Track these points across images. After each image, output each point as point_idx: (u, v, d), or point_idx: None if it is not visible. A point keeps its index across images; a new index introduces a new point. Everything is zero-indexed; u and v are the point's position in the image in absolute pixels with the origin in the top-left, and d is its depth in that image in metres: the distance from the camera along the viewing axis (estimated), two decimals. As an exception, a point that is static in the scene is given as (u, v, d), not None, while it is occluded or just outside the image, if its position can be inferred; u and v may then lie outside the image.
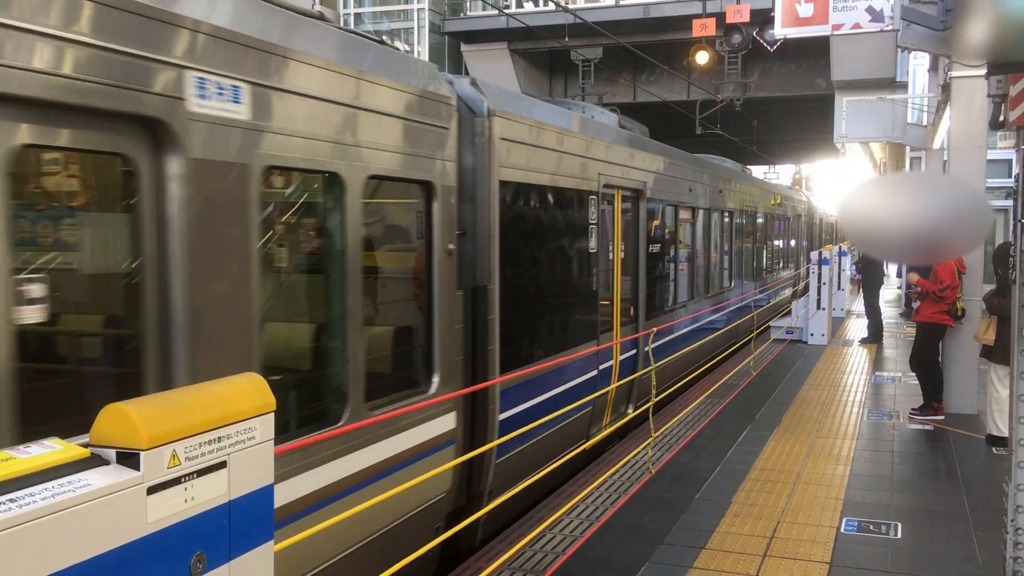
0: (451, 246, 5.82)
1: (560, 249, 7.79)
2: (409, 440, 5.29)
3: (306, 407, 4.74)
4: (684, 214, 12.51)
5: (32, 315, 3.13)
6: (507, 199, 6.67)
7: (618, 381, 8.78)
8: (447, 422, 5.75)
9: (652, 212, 10.51)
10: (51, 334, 3.54)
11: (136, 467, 2.09)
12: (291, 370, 4.79)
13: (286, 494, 4.08)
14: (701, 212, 13.40)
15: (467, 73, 24.15)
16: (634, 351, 9.56)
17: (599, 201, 8.63)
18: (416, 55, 20.36)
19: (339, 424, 4.62)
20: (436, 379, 5.62)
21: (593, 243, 8.51)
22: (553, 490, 7.40)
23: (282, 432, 3.98)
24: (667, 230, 11.39)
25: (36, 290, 3.16)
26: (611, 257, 9.17)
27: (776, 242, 21.87)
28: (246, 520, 2.40)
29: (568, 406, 7.35)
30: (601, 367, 8.54)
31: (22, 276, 3.13)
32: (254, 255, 4.06)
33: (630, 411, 9.37)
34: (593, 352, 8.29)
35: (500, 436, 6.25)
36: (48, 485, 1.92)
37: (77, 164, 3.50)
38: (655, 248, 10.69)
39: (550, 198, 7.53)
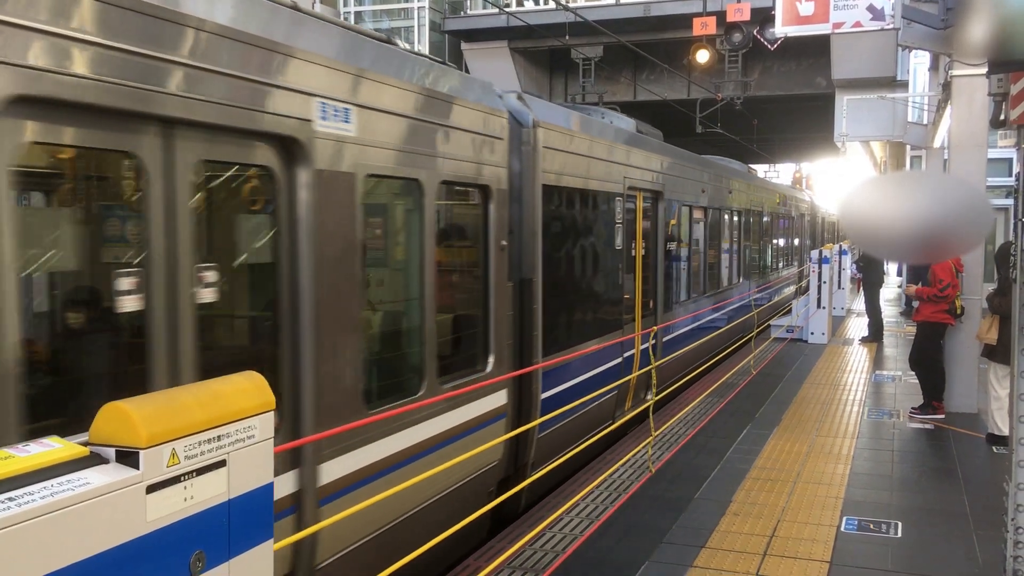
0: (504, 242, 6.64)
1: (591, 246, 8.58)
2: (469, 413, 6.05)
3: (395, 380, 5.54)
4: (697, 214, 13.21)
5: (208, 296, 3.91)
6: (548, 201, 7.47)
7: (638, 369, 9.58)
8: (500, 399, 6.53)
9: (669, 212, 11.24)
10: (223, 314, 4.35)
11: (135, 466, 2.09)
12: (385, 348, 5.59)
13: (379, 452, 4.97)
14: (712, 212, 14.09)
15: (467, 71, 24.13)
16: (653, 341, 10.28)
17: (624, 202, 9.44)
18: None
19: (419, 395, 5.39)
20: (492, 360, 6.41)
21: (619, 241, 9.32)
22: (583, 466, 7.98)
23: (380, 399, 5.09)
24: (682, 229, 12.14)
25: (210, 276, 3.94)
26: (632, 254, 9.91)
27: (781, 240, 22.63)
28: (246, 519, 2.40)
29: (597, 390, 8.09)
30: (625, 355, 9.33)
31: (203, 265, 3.89)
32: (359, 250, 4.85)
33: (649, 397, 9.92)
34: (619, 341, 9.07)
35: (542, 414, 7.03)
36: (47, 484, 1.91)
37: (236, 175, 4.37)
38: (671, 246, 11.45)
39: (583, 200, 8.35)
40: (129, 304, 3.55)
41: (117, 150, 3.55)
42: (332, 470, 4.56)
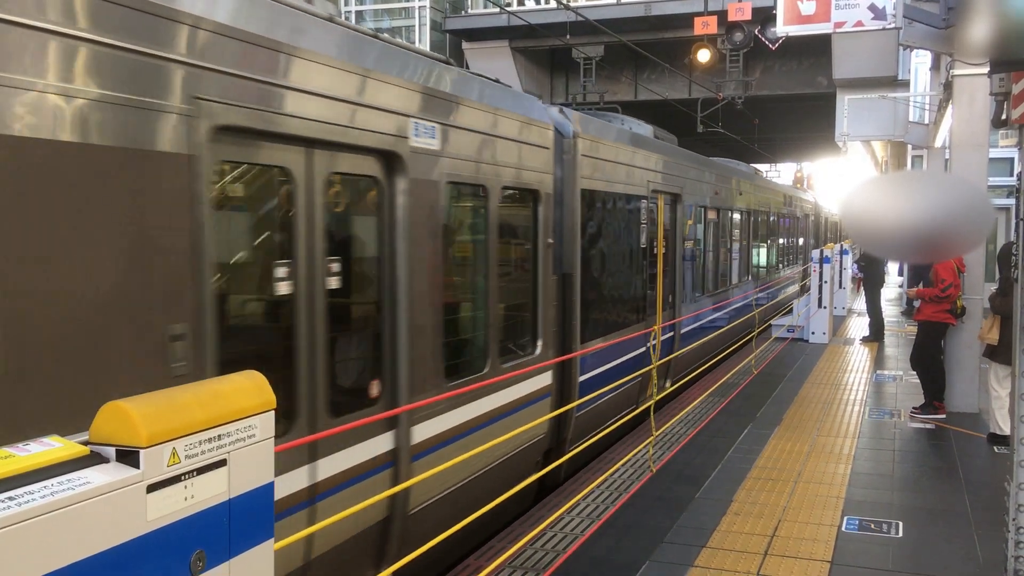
0: (550, 240, 7.53)
1: (621, 244, 9.51)
2: (522, 390, 6.92)
3: (467, 360, 6.33)
4: (711, 214, 14.02)
5: (333, 284, 4.73)
6: (585, 204, 8.34)
7: (659, 359, 10.08)
8: (546, 379, 7.41)
9: (686, 213, 12.10)
10: (343, 300, 5.02)
11: (136, 465, 2.08)
12: (460, 331, 6.38)
13: (454, 420, 5.82)
14: (724, 212, 14.95)
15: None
16: (671, 333, 11.25)
17: (647, 204, 10.34)
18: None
19: (482, 371, 6.29)
20: (540, 345, 7.31)
21: (643, 240, 10.23)
22: (610, 446, 8.74)
23: (456, 375, 5.91)
24: (698, 229, 13.02)
25: (335, 267, 4.75)
26: (654, 252, 10.81)
27: (787, 239, 23.56)
28: (246, 518, 2.40)
29: (623, 376, 8.90)
30: (651, 343, 10.03)
31: (330, 258, 4.69)
32: (442, 246, 5.70)
33: (668, 385, 10.99)
34: (644, 332, 9.91)
35: (579, 396, 7.88)
36: (47, 483, 1.91)
37: (352, 184, 5.16)
38: (688, 244, 12.32)
39: (614, 202, 9.27)
40: (284, 290, 4.44)
41: (277, 165, 4.41)
42: (421, 432, 5.42)
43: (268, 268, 4.46)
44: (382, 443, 5.11)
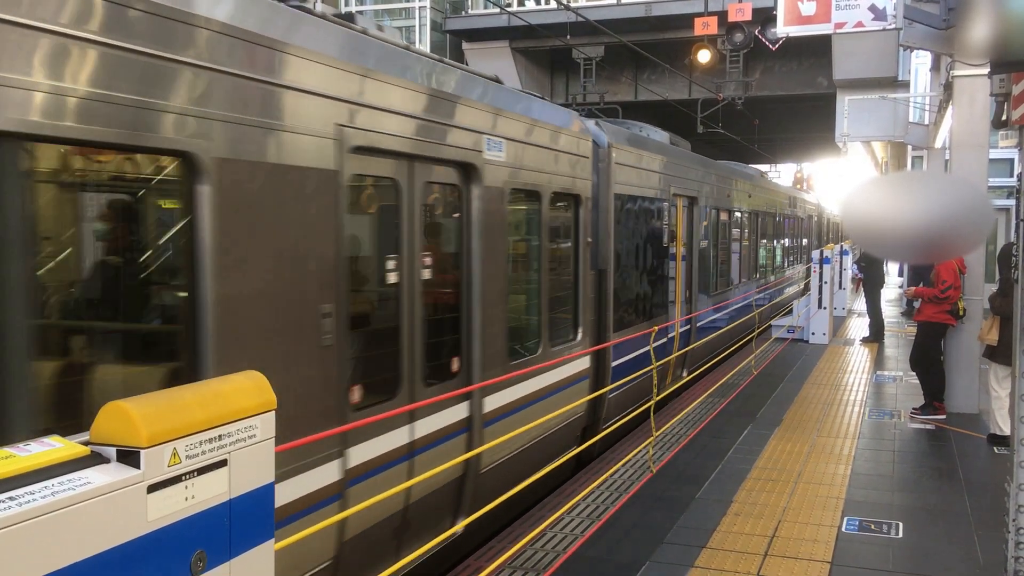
0: (589, 239, 8.45)
1: (647, 244, 10.48)
2: (566, 372, 7.81)
3: (525, 343, 7.22)
4: (723, 216, 14.90)
5: (426, 275, 5.59)
6: (618, 207, 9.28)
7: (677, 351, 11.40)
8: (585, 363, 8.31)
9: (702, 215, 13.03)
10: (432, 289, 5.81)
11: (136, 465, 2.08)
12: (520, 318, 7.29)
13: (514, 395, 6.73)
14: (735, 214, 15.83)
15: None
16: (688, 326, 12.16)
17: (669, 207, 11.27)
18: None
19: (536, 354, 7.20)
20: (581, 332, 8.24)
21: (665, 240, 11.21)
22: (636, 427, 9.46)
23: (516, 356, 6.82)
24: (712, 229, 13.94)
25: (427, 260, 5.64)
26: (674, 251, 11.71)
27: (792, 239, 24.67)
28: (247, 519, 2.40)
29: (647, 365, 9.50)
30: (668, 336, 11.24)
31: (424, 253, 5.57)
32: (506, 243, 6.63)
33: (684, 374, 11.96)
34: (665, 325, 10.96)
35: (612, 379, 8.77)
36: (48, 483, 1.91)
37: (440, 191, 5.98)
38: (703, 244, 13.22)
39: (642, 205, 10.22)
40: (392, 279, 5.33)
41: (388, 176, 5.32)
42: (489, 404, 6.32)
43: (382, 261, 5.36)
44: (461, 411, 6.04)
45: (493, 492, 6.02)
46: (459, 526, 5.75)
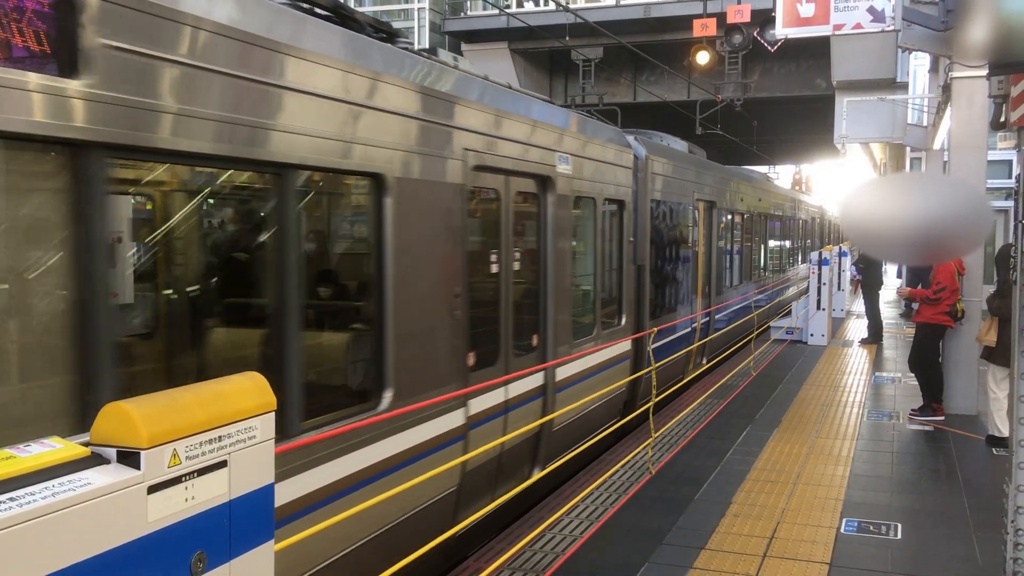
0: (631, 239, 9.90)
1: (677, 244, 12.01)
2: (614, 351, 9.09)
3: (584, 325, 8.50)
4: (737, 219, 16.37)
5: (516, 267, 6.94)
6: (653, 211, 10.70)
7: (698, 340, 12.79)
8: (627, 345, 9.58)
9: (719, 218, 14.44)
10: (519, 279, 7.09)
11: (136, 466, 2.09)
12: (581, 305, 8.60)
13: (577, 367, 8.01)
14: (747, 216, 17.31)
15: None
16: (707, 318, 13.50)
17: (692, 210, 12.69)
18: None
19: (592, 335, 8.53)
20: (624, 318, 9.59)
21: (690, 240, 12.61)
22: (666, 405, 10.59)
23: (578, 336, 8.13)
24: (728, 230, 15.42)
25: (516, 255, 6.95)
26: (697, 250, 13.07)
27: (797, 240, 26.23)
28: (247, 520, 2.40)
29: (676, 351, 11.38)
30: (693, 326, 12.66)
31: (514, 249, 6.88)
32: (571, 241, 7.97)
33: (704, 362, 13.27)
34: (691, 316, 12.43)
35: (648, 363, 9.45)
36: (48, 484, 1.91)
37: (526, 199, 7.25)
38: (721, 244, 14.71)
39: (672, 209, 11.69)
40: (494, 269, 6.64)
41: (493, 188, 6.62)
42: (559, 374, 7.50)
43: (488, 254, 6.61)
44: (539, 379, 7.30)
45: (560, 448, 7.61)
46: (536, 476, 6.69)
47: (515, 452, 6.84)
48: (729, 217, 15.46)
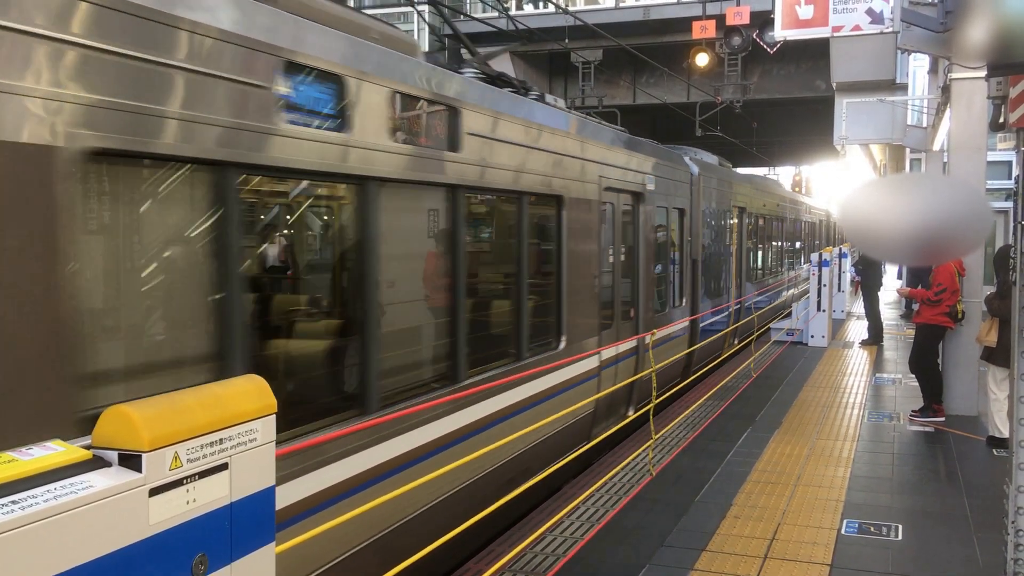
0: (689, 238, 12.60)
1: (723, 243, 14.99)
2: (678, 326, 11.82)
3: (662, 302, 11.18)
4: (761, 222, 19.23)
5: (623, 258, 9.73)
6: (703, 216, 13.35)
7: (732, 324, 15.64)
8: (686, 323, 12.22)
9: (749, 221, 17.42)
10: (625, 270, 9.71)
11: (138, 469, 2.09)
12: (661, 287, 11.25)
13: (659, 335, 10.11)
14: (768, 219, 20.22)
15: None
16: (739, 306, 16.32)
17: (731, 215, 15.71)
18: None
19: (664, 312, 11.27)
20: (685, 300, 12.42)
21: (728, 240, 15.46)
22: (705, 377, 12.69)
23: (660, 312, 10.95)
24: (754, 232, 18.42)
25: (623, 249, 9.68)
26: (732, 248, 15.89)
27: (808, 239, 29.20)
28: (247, 522, 2.40)
29: (716, 332, 14.16)
30: (729, 311, 15.39)
31: (620, 247, 9.54)
32: (655, 239, 10.62)
33: (736, 343, 15.92)
34: (728, 304, 15.27)
35: (700, 339, 12.73)
36: (50, 487, 1.92)
37: (627, 209, 9.71)
38: (750, 244, 17.82)
39: (718, 216, 14.62)
40: (610, 259, 9.15)
41: (609, 202, 8.93)
42: (648, 338, 8.75)
43: (606, 249, 9.05)
44: (634, 341, 9.74)
45: (643, 395, 9.77)
46: (631, 416, 9.24)
47: (619, 393, 9.27)
48: (755, 220, 18.39)
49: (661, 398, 8.90)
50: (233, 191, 3.90)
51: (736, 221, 15.99)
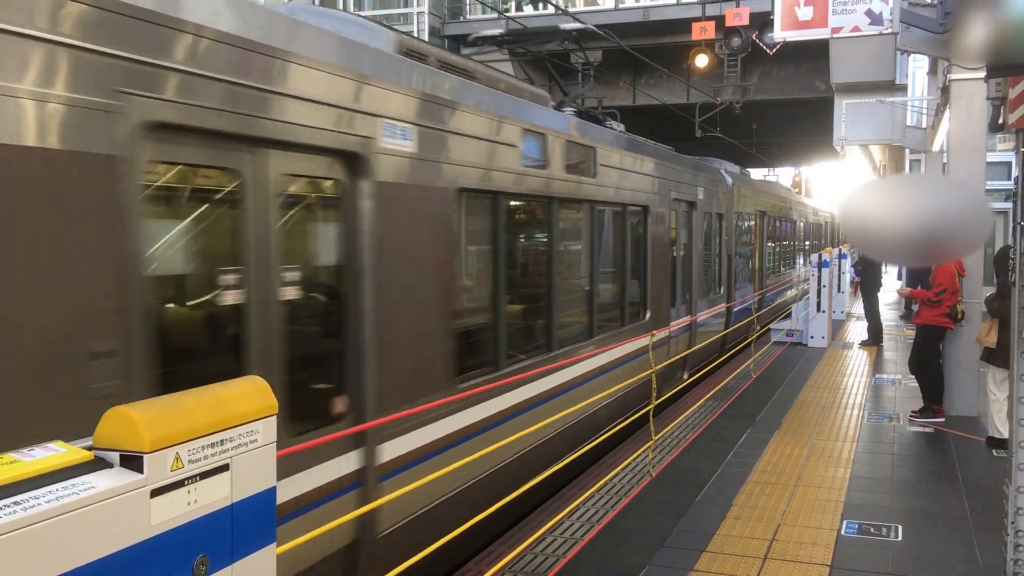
0: (726, 237, 14.84)
1: (747, 243, 17.47)
2: (718, 310, 14.41)
3: (710, 289, 13.97)
4: (778, 223, 21.81)
5: (681, 254, 12.53)
6: (736, 220, 15.81)
7: (756, 312, 17.62)
8: (723, 309, 14.70)
9: (767, 223, 19.79)
10: (677, 262, 12.28)
11: (139, 470, 2.09)
12: (709, 275, 13.95)
13: (702, 317, 13.25)
14: (783, 222, 22.72)
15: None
16: (760, 296, 18.65)
17: (755, 218, 18.18)
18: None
19: (708, 298, 13.71)
20: (723, 290, 14.89)
21: (748, 239, 17.70)
22: (735, 355, 15.01)
23: (708, 295, 13.82)
24: (773, 234, 20.96)
25: (682, 248, 12.49)
26: (754, 247, 18.38)
27: (817, 240, 32.23)
28: (248, 523, 2.40)
29: (745, 318, 16.47)
30: (751, 302, 17.47)
31: (681, 245, 12.54)
32: (704, 238, 13.37)
33: (758, 327, 17.03)
34: (751, 295, 17.58)
35: (733, 323, 15.59)
36: (52, 488, 1.92)
37: (676, 210, 12.13)
38: (770, 245, 20.44)
39: (745, 219, 17.10)
40: (673, 254, 11.72)
41: (675, 210, 11.75)
42: (698, 319, 12.41)
43: (671, 245, 11.24)
44: (688, 320, 12.18)
45: (695, 363, 12.52)
46: (686, 381, 12.03)
47: (675, 363, 11.44)
48: (774, 222, 20.98)
49: (703, 372, 11.95)
50: (504, 208, 6.69)
51: (758, 223, 18.55)
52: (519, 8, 28.23)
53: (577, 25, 12.10)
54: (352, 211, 4.80)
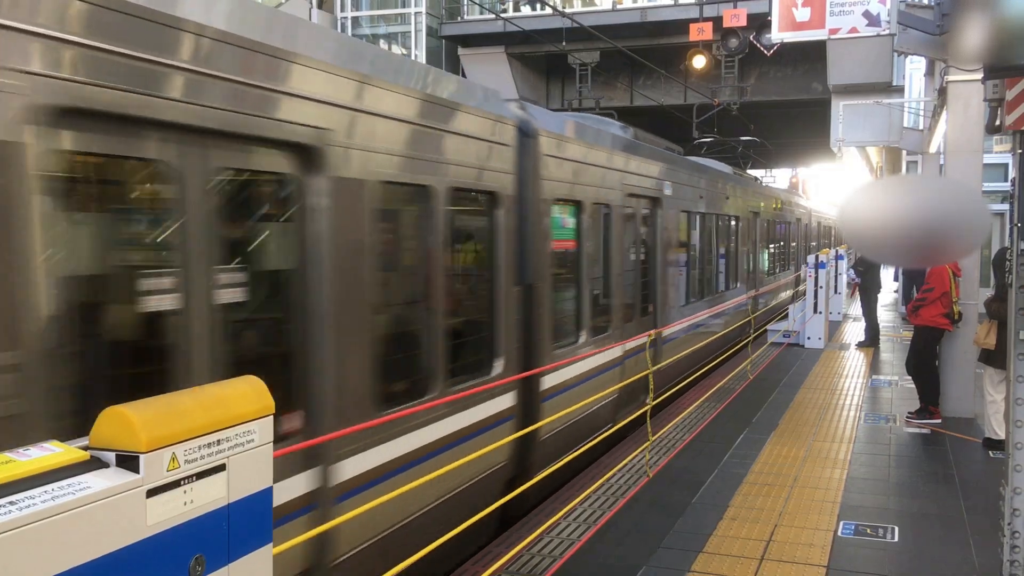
0: (734, 238, 16.59)
1: (767, 243, 20.21)
2: (741, 302, 16.59)
3: (728, 282, 15.98)
4: (787, 226, 23.68)
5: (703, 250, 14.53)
6: (759, 224, 18.91)
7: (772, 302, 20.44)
8: (743, 299, 16.72)
9: (771, 226, 21.22)
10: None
11: (136, 470, 2.08)
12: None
13: (722, 308, 14.80)
14: (778, 223, 23.12)
15: (464, 76, 24.07)
16: (755, 295, 19.61)
17: (751, 219, 18.45)
18: (413, 59, 20.78)
19: (730, 290, 16.05)
20: (739, 284, 16.73)
21: (758, 239, 19.23)
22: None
23: (727, 288, 15.97)
24: (780, 234, 22.82)
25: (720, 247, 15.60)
26: (767, 245, 20.56)
27: (816, 241, 33.29)
28: (245, 523, 2.40)
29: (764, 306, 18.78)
30: (747, 302, 18.38)
31: (708, 244, 14.61)
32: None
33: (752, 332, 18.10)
34: (768, 287, 20.21)
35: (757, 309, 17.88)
36: (47, 488, 1.91)
37: (731, 223, 16.64)
38: (781, 243, 22.72)
39: (762, 222, 19.39)
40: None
41: (730, 217, 15.63)
42: (721, 309, 14.24)
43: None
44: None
45: (722, 349, 14.53)
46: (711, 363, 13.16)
47: (713, 345, 13.33)
48: (769, 225, 21.39)
49: (729, 353, 14.29)
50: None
51: (756, 226, 19.36)
52: (516, 9, 28.22)
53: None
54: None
